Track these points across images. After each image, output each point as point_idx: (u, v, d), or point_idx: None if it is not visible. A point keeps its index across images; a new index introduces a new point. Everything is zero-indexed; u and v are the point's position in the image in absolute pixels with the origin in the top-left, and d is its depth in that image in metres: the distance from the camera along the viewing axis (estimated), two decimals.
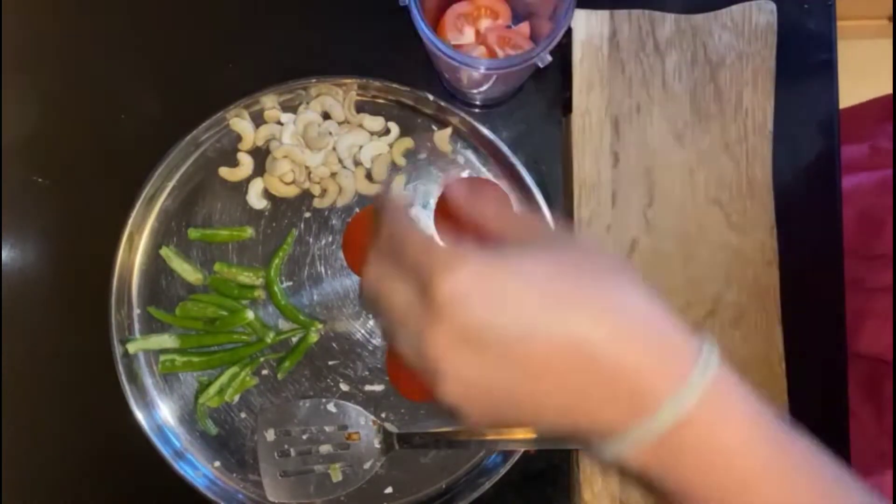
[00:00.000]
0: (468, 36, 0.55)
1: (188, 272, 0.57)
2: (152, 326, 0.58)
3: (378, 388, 0.57)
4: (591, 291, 0.29)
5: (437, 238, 0.31)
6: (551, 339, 0.28)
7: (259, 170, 0.57)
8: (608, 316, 0.29)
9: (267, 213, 0.58)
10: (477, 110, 0.59)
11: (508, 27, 0.56)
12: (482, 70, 0.47)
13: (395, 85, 0.55)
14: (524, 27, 0.55)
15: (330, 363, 0.58)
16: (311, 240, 0.58)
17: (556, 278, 0.29)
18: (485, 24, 0.55)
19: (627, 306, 0.30)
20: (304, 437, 0.56)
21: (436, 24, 0.55)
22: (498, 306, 0.28)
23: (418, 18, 0.46)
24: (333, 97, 0.57)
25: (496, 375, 0.29)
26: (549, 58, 0.47)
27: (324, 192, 0.57)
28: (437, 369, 0.29)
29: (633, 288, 0.31)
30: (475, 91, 0.56)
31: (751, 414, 0.29)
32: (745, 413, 0.29)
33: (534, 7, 0.54)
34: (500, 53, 0.54)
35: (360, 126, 0.57)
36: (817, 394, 0.57)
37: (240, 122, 0.56)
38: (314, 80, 0.56)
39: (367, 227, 0.55)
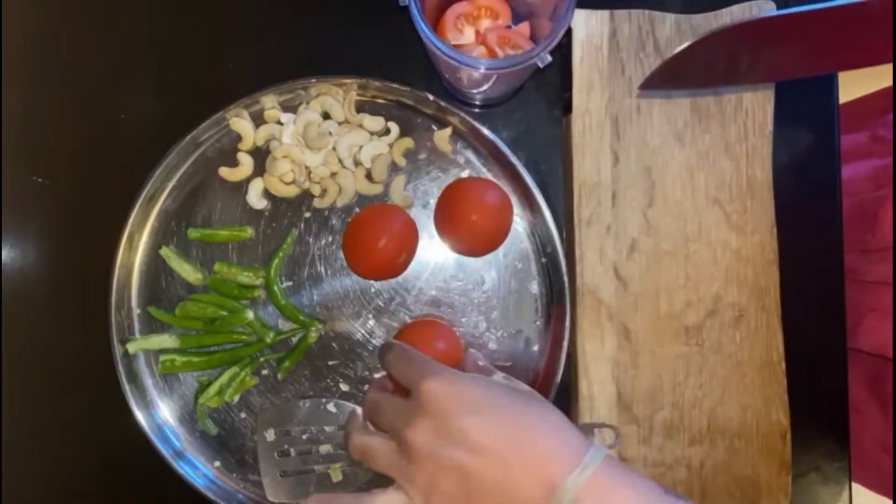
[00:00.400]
0: (468, 36, 0.55)
1: (188, 272, 0.57)
2: (152, 326, 0.58)
3: None
4: (524, 405, 0.42)
5: (428, 359, 0.45)
6: (492, 425, 0.40)
7: (259, 170, 0.57)
8: (533, 419, 0.41)
9: (267, 213, 0.58)
10: (477, 110, 0.59)
11: (508, 27, 0.56)
12: (482, 70, 0.47)
13: (395, 85, 0.55)
14: (524, 27, 0.55)
15: (330, 363, 0.58)
16: (311, 240, 0.58)
17: (500, 394, 0.43)
18: (485, 24, 0.55)
19: (545, 415, 0.42)
20: (304, 437, 0.56)
21: (436, 25, 0.55)
22: (460, 406, 0.41)
23: (418, 18, 0.46)
24: (333, 97, 0.57)
25: (453, 451, 0.40)
26: (549, 58, 0.47)
27: (324, 192, 0.57)
28: (413, 450, 0.41)
29: (551, 409, 0.43)
30: (475, 91, 0.56)
31: (638, 488, 0.39)
32: (632, 488, 0.39)
33: (534, 7, 0.54)
34: (500, 53, 0.54)
35: (360, 126, 0.57)
36: (817, 393, 0.57)
37: (240, 122, 0.56)
38: (314, 80, 0.56)
39: (367, 227, 0.55)
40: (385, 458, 0.44)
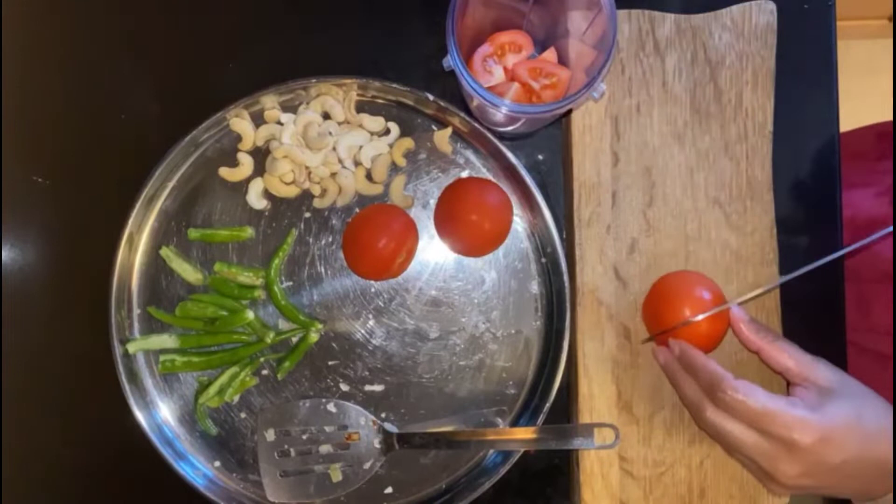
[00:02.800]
0: (498, 75, 0.54)
1: (188, 272, 0.57)
2: (152, 326, 0.58)
3: (378, 388, 0.57)
4: (880, 424, 0.47)
5: (763, 395, 0.47)
6: (861, 461, 0.47)
7: (259, 170, 0.57)
8: (880, 432, 0.47)
9: (267, 213, 0.58)
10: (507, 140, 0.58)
11: (531, 57, 0.55)
12: (548, 115, 0.47)
13: (395, 85, 0.55)
14: (550, 53, 0.55)
15: (330, 363, 0.58)
16: (311, 240, 0.58)
17: (859, 421, 0.47)
18: (511, 59, 0.55)
19: (883, 419, 0.48)
20: (304, 437, 0.56)
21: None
22: (830, 450, 0.46)
23: (470, 82, 0.46)
24: (333, 97, 0.57)
25: (824, 483, 0.48)
26: (604, 87, 0.48)
27: (324, 192, 0.57)
28: (782, 485, 0.49)
29: (881, 404, 0.49)
30: (511, 128, 0.56)
31: None
32: None
33: (552, 30, 0.53)
34: (536, 85, 0.53)
35: (360, 126, 0.57)
36: None
37: (240, 122, 0.56)
38: (314, 80, 0.56)
39: (366, 227, 0.55)
40: (745, 466, 0.52)
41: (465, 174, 0.58)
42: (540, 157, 0.59)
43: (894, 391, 0.59)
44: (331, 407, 0.56)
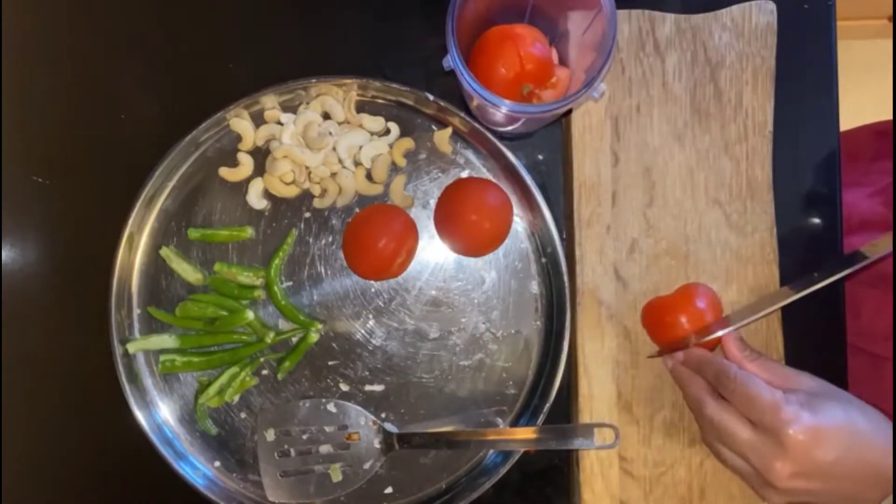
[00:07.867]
0: None
1: (188, 272, 0.57)
2: (152, 326, 0.58)
3: (378, 388, 0.57)
4: (871, 427, 0.48)
5: (763, 385, 0.48)
6: (854, 462, 0.47)
7: (259, 170, 0.57)
8: (872, 435, 0.47)
9: (267, 213, 0.58)
10: (507, 140, 0.58)
11: None
12: (548, 115, 0.47)
13: (395, 85, 0.55)
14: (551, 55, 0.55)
15: (330, 363, 0.58)
16: (311, 240, 0.58)
17: (849, 422, 0.47)
18: None
19: (875, 423, 0.48)
20: (304, 437, 0.56)
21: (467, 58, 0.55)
22: (821, 449, 0.46)
23: (470, 82, 0.46)
24: (333, 97, 0.57)
25: (817, 486, 0.47)
26: (604, 86, 0.48)
27: (324, 192, 0.57)
28: (775, 488, 0.48)
29: (870, 410, 0.49)
30: (510, 128, 0.56)
31: None
32: None
33: (552, 30, 0.53)
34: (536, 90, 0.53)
35: (360, 126, 0.57)
36: None
37: (240, 122, 0.56)
38: (314, 80, 0.56)
39: (367, 227, 0.55)
40: (740, 472, 0.50)
41: (465, 174, 0.58)
42: (540, 157, 0.59)
43: (894, 394, 0.59)
44: (331, 407, 0.56)
